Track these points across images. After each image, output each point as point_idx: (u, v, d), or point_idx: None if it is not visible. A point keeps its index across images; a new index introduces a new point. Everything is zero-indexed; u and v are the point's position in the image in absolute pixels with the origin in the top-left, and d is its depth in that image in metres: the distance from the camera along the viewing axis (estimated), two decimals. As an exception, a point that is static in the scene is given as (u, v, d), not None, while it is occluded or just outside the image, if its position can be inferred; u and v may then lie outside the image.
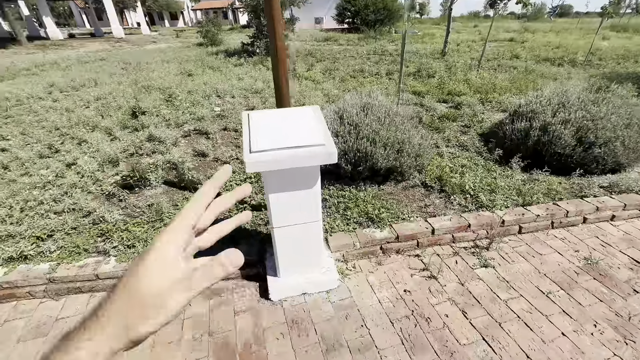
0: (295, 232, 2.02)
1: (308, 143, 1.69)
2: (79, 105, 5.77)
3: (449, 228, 2.60)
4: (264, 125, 1.83)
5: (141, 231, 2.52)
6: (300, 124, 1.85)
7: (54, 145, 3.98)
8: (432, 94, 6.67)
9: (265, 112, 1.97)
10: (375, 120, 3.27)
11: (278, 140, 1.71)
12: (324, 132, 1.79)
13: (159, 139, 3.98)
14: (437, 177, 3.49)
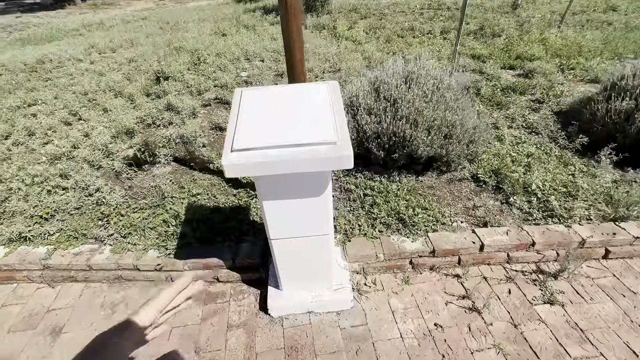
0: (298, 245, 1.60)
1: (313, 140, 1.19)
2: (111, 68, 5.69)
3: (504, 245, 2.00)
4: (258, 110, 1.35)
5: (139, 218, 2.29)
6: (308, 108, 1.34)
7: (78, 113, 3.89)
8: (496, 58, 5.52)
9: (264, 90, 1.48)
10: (420, 96, 2.59)
11: (273, 133, 1.23)
12: (338, 123, 1.27)
13: (177, 109, 3.69)
14: (493, 169, 2.78)
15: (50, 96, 4.54)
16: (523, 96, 4.22)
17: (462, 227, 2.32)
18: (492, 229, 2.10)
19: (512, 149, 3.14)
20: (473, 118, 2.67)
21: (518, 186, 2.55)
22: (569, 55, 5.38)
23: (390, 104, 2.67)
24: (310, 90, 1.45)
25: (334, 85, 1.48)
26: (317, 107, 1.34)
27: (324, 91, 1.43)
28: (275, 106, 1.36)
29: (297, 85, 1.49)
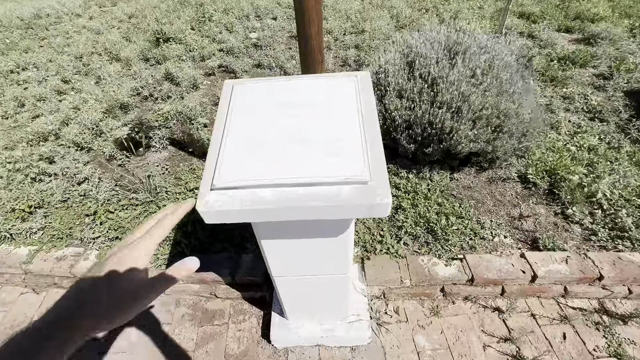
0: (308, 284, 1.27)
1: (331, 176, 0.79)
2: (110, 25, 5.16)
3: (562, 277, 1.61)
4: (254, 121, 0.94)
5: (129, 217, 2.01)
6: (327, 119, 0.92)
7: (70, 80, 3.52)
8: (550, 18, 4.64)
9: (264, 85, 1.04)
10: (467, 77, 2.05)
11: (273, 161, 0.84)
12: (370, 146, 0.85)
13: (176, 80, 3.25)
14: (546, 168, 2.30)
15: (44, 59, 4.15)
16: (584, 69, 3.51)
17: (506, 244, 1.93)
18: (546, 254, 1.70)
19: (569, 140, 2.60)
20: (532, 106, 2.13)
21: (578, 193, 2.08)
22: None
23: (428, 85, 2.15)
24: (330, 88, 1.00)
25: (365, 79, 1.02)
26: (340, 117, 0.91)
27: (349, 90, 0.99)
28: (278, 114, 0.94)
29: (311, 79, 1.05)
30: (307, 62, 1.39)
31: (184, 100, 2.95)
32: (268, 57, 3.71)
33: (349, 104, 0.94)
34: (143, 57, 3.87)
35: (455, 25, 4.35)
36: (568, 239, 1.91)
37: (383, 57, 2.55)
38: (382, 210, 0.79)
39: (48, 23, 5.58)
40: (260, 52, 3.86)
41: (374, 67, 2.58)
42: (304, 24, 1.27)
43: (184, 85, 3.17)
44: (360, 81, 1.01)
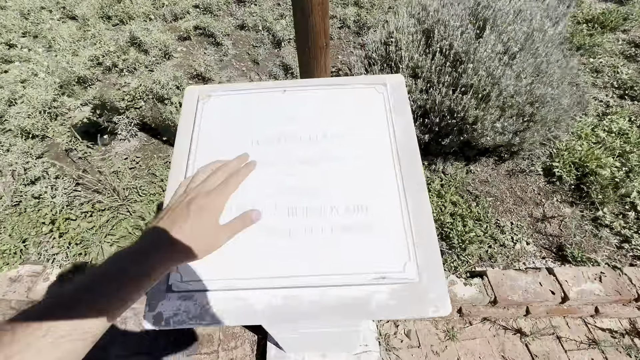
0: (313, 335, 1.04)
1: (358, 273, 0.50)
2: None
3: (596, 298, 1.43)
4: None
5: (94, 227, 1.70)
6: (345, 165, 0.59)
7: (17, 44, 2.93)
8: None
9: (243, 102, 0.69)
10: (500, 53, 1.67)
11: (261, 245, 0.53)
12: (411, 215, 0.54)
13: (143, 47, 2.72)
14: (574, 160, 2.03)
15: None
16: (612, 34, 3.10)
17: (528, 252, 1.73)
18: (577, 271, 1.50)
19: (598, 123, 2.30)
20: (572, 89, 1.79)
21: (610, 192, 1.85)
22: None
23: (449, 61, 1.76)
24: (347, 108, 0.66)
25: (397, 89, 0.68)
26: (364, 164, 0.59)
27: (375, 110, 0.65)
28: (269, 160, 0.60)
29: (316, 90, 0.68)
30: (306, 47, 1.00)
31: (154, 73, 2.48)
32: (253, 15, 3.15)
33: (376, 139, 0.61)
34: (103, 15, 3.24)
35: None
36: (598, 247, 1.71)
37: (393, 21, 2.11)
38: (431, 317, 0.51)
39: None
40: (243, 10, 3.27)
41: (381, 34, 2.14)
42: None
43: (153, 53, 2.67)
44: (392, 94, 0.67)
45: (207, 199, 0.49)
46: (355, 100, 0.66)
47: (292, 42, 2.94)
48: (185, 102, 0.69)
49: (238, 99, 0.68)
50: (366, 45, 2.33)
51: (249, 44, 2.98)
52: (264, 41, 2.93)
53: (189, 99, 0.70)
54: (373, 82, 0.68)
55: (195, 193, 0.50)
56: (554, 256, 1.70)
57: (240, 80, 2.57)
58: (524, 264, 1.67)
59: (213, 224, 0.49)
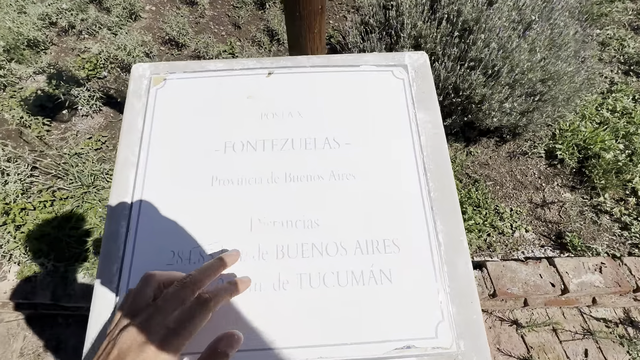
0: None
1: (376, 340, 0.36)
2: None
3: (596, 290, 1.39)
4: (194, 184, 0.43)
5: (55, 219, 1.50)
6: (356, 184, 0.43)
7: (-50, -2, 2.48)
8: None
9: (212, 87, 0.50)
10: (513, 22, 1.47)
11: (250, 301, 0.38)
12: (444, 255, 0.40)
13: (105, 4, 2.35)
14: (577, 141, 1.93)
15: None
16: (621, 2, 2.90)
17: (527, 240, 1.66)
18: (577, 261, 1.45)
19: (603, 101, 2.19)
20: (585, 67, 1.64)
21: (612, 177, 1.77)
22: None
23: (457, 32, 1.56)
24: (356, 101, 0.49)
25: (421, 71, 0.51)
26: (382, 181, 0.43)
27: (394, 106, 0.48)
28: (243, 165, 0.44)
29: (313, 72, 0.50)
30: (296, 12, 0.77)
31: (119, 37, 2.15)
32: (233, -30, 2.75)
33: (396, 145, 0.45)
34: (54, -36, 2.76)
35: None
36: (598, 235, 1.66)
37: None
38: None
39: None
40: (221, -38, 2.85)
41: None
42: None
43: (116, 12, 2.30)
44: (415, 79, 0.50)
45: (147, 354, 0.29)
46: (367, 87, 0.49)
47: (279, 3, 2.61)
48: (131, 87, 0.50)
49: (205, 84, 0.49)
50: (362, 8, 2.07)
51: (228, 4, 2.63)
52: (245, 1, 2.59)
53: (137, 82, 0.50)
54: (389, 63, 0.50)
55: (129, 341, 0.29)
56: (553, 244, 1.65)
57: (219, 48, 2.28)
58: (522, 253, 1.62)
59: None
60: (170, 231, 0.41)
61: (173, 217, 0.41)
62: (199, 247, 0.39)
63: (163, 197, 0.42)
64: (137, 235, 0.40)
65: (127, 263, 0.40)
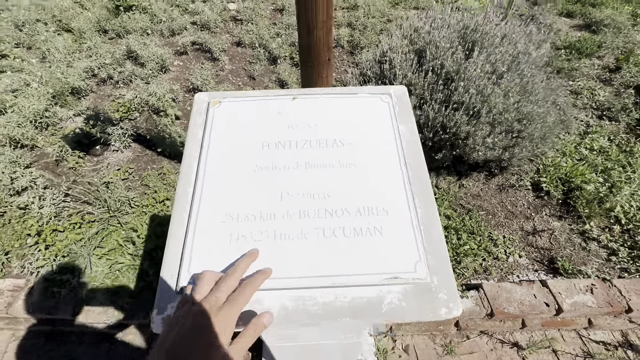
0: (309, 351, 1.01)
1: (370, 272, 0.50)
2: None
3: (589, 310, 1.45)
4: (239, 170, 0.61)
5: (82, 239, 1.64)
6: (354, 170, 0.61)
7: (9, 55, 2.91)
8: (550, 0, 4.37)
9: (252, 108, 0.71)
10: (488, 72, 1.76)
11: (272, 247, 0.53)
12: (420, 218, 0.56)
13: (140, 60, 2.75)
14: (560, 175, 2.11)
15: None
16: (588, 59, 3.31)
17: (522, 265, 1.76)
18: (569, 283, 1.53)
19: (580, 141, 2.42)
20: (556, 108, 1.89)
21: (595, 206, 1.92)
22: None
23: (441, 79, 1.84)
24: (354, 116, 0.69)
25: (402, 99, 0.71)
26: (373, 169, 0.61)
27: (381, 119, 0.68)
28: (279, 163, 0.62)
29: (322, 98, 0.71)
30: (310, 62, 1.03)
31: (150, 85, 2.49)
32: (250, 33, 3.24)
33: (384, 145, 0.64)
34: (100, 29, 3.27)
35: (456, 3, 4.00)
36: (587, 260, 1.75)
37: (386, 41, 2.20)
38: (444, 318, 0.52)
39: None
40: (240, 28, 3.36)
41: (375, 53, 2.23)
42: (307, 7, 0.91)
43: (149, 66, 2.69)
44: (397, 103, 0.70)
45: (217, 318, 0.41)
46: (362, 108, 0.69)
47: (288, 59, 3.02)
48: (194, 108, 0.70)
49: (248, 105, 0.69)
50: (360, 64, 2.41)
51: (245, 60, 3.04)
52: (260, 58, 3.00)
53: (198, 105, 0.71)
54: (378, 92, 0.71)
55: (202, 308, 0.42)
56: (546, 269, 1.74)
57: (236, 95, 2.61)
58: (517, 277, 1.70)
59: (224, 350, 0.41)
60: (223, 200, 0.57)
61: (225, 191, 0.58)
62: (244, 210, 0.55)
63: (218, 178, 0.59)
64: (201, 203, 0.56)
65: (192, 223, 0.55)
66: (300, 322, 0.50)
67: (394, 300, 0.50)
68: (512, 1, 3.15)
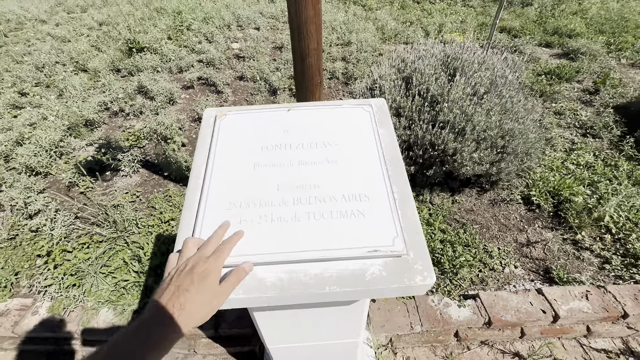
0: (310, 352, 1.05)
1: (354, 247, 0.59)
2: (79, 33, 4.79)
3: (585, 316, 1.47)
4: (243, 167, 0.72)
5: (90, 258, 1.71)
6: (341, 165, 0.72)
7: (29, 93, 3.15)
8: (529, 33, 4.73)
9: (253, 118, 0.82)
10: (470, 94, 1.92)
11: (270, 228, 0.62)
12: (400, 202, 0.65)
13: (150, 94, 2.96)
14: (549, 189, 2.20)
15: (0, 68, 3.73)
16: (569, 84, 3.53)
17: (517, 275, 1.79)
18: (564, 290, 1.56)
19: (566, 157, 2.53)
20: (534, 125, 2.03)
21: (585, 216, 1.98)
22: (614, 31, 4.60)
23: (427, 102, 2.00)
24: (340, 123, 0.81)
25: (381, 109, 0.83)
26: (357, 164, 0.72)
27: (363, 125, 0.79)
28: (276, 160, 0.72)
29: (313, 109, 0.84)
30: (304, 85, 1.18)
31: (159, 116, 2.67)
32: (251, 69, 3.50)
33: (366, 145, 0.74)
34: (114, 68, 3.55)
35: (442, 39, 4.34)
36: (582, 268, 1.79)
37: (376, 71, 2.40)
38: (420, 290, 0.59)
39: (7, 29, 5.13)
40: (243, 64, 3.64)
41: (367, 82, 2.43)
42: (301, 38, 1.07)
43: (159, 99, 2.89)
44: (377, 112, 0.82)
45: (207, 264, 0.52)
46: (347, 116, 0.81)
47: (287, 90, 3.25)
48: (204, 121, 0.82)
49: (250, 116, 0.81)
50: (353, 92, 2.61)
51: (247, 92, 3.27)
52: (261, 90, 3.23)
53: (207, 118, 0.83)
54: (361, 104, 0.83)
55: (195, 260, 0.53)
56: (542, 278, 1.77)
57: (238, 123, 2.78)
58: (514, 287, 1.72)
59: (216, 286, 0.52)
60: (227, 191, 0.66)
61: (229, 184, 0.68)
62: (245, 199, 0.65)
63: (223, 175, 0.69)
64: (209, 193, 0.66)
65: (202, 211, 0.64)
66: (296, 295, 0.57)
67: (376, 271, 0.58)
68: (491, 34, 3.44)
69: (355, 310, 0.83)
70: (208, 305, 0.51)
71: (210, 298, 0.51)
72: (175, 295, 0.48)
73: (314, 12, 1.01)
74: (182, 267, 0.53)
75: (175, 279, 0.51)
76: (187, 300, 0.48)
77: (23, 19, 5.56)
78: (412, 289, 0.58)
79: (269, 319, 0.85)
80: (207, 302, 0.50)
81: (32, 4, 6.35)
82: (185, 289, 0.49)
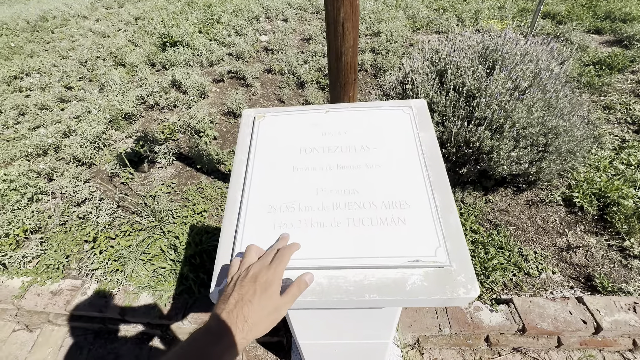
0: (340, 350, 1.06)
1: (394, 256, 0.58)
2: (116, 28, 5.01)
3: (632, 329, 1.37)
4: (282, 170, 0.73)
5: (131, 245, 1.82)
6: (381, 170, 0.70)
7: (74, 87, 3.36)
8: (577, 19, 4.35)
9: (292, 120, 0.83)
10: (510, 89, 1.81)
11: (309, 233, 0.63)
12: (439, 210, 0.63)
13: (183, 88, 3.06)
14: (594, 190, 2.05)
15: (48, 64, 4.00)
16: (621, 75, 3.23)
17: (555, 282, 1.70)
18: (609, 300, 1.47)
19: (615, 156, 2.34)
20: (581, 123, 1.88)
21: (636, 222, 1.83)
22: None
23: (462, 97, 1.91)
24: (379, 125, 0.79)
25: (421, 111, 0.80)
26: (397, 169, 0.70)
27: (403, 128, 0.77)
28: (315, 164, 0.72)
29: (351, 111, 0.82)
30: (338, 82, 1.17)
31: (192, 109, 2.76)
32: (280, 61, 3.51)
33: (406, 149, 0.72)
34: (149, 62, 3.70)
35: (479, 27, 4.10)
36: (629, 278, 1.66)
37: (408, 64, 2.32)
38: (463, 302, 0.58)
39: (54, 25, 5.47)
40: (271, 57, 3.65)
41: (398, 75, 2.35)
42: (337, 35, 1.05)
43: (191, 93, 2.98)
44: (417, 114, 0.79)
45: (269, 273, 0.52)
46: (386, 118, 0.79)
47: (315, 83, 3.23)
48: (243, 121, 0.84)
49: (288, 118, 0.82)
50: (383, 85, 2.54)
51: (275, 85, 3.29)
52: (289, 83, 3.23)
53: (246, 118, 0.84)
54: (400, 105, 0.81)
55: (257, 268, 0.53)
56: (583, 286, 1.67)
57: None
58: (551, 293, 1.64)
59: (277, 298, 0.51)
60: (267, 194, 0.68)
61: (269, 187, 0.69)
62: (285, 202, 0.66)
63: (263, 177, 0.71)
64: (250, 196, 0.68)
65: (243, 212, 0.66)
66: (336, 300, 0.58)
67: (417, 281, 0.57)
68: (534, 21, 3.20)
69: (389, 313, 0.82)
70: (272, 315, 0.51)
71: (272, 310, 0.51)
72: (239, 305, 0.49)
73: (351, 9, 0.98)
74: (244, 274, 0.53)
75: (239, 287, 0.51)
76: (250, 312, 0.48)
77: (67, 15, 5.89)
78: (454, 300, 0.57)
79: (303, 318, 0.87)
80: (270, 314, 0.50)
81: (74, 1, 6.71)
82: (249, 299, 0.49)
